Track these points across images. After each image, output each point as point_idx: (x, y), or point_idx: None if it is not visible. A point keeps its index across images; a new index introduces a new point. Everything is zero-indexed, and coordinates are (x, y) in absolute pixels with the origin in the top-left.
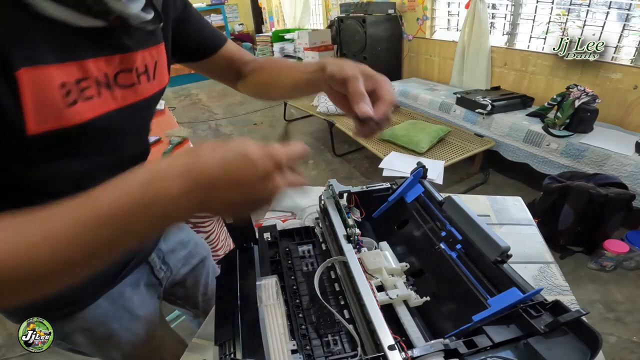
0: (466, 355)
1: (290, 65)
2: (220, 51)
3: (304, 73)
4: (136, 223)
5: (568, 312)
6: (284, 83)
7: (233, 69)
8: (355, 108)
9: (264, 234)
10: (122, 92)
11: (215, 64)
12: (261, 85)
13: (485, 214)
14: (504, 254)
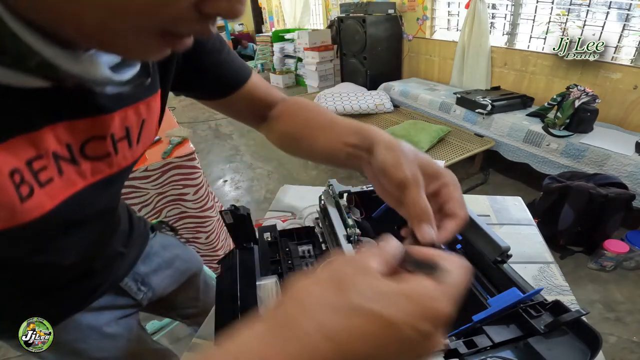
0: (466, 355)
1: (326, 123)
2: (242, 89)
3: (344, 144)
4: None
5: (568, 312)
6: (316, 148)
7: (258, 108)
8: (416, 230)
9: (264, 234)
10: (92, 166)
11: (236, 103)
12: (289, 139)
13: (485, 214)
14: (504, 254)
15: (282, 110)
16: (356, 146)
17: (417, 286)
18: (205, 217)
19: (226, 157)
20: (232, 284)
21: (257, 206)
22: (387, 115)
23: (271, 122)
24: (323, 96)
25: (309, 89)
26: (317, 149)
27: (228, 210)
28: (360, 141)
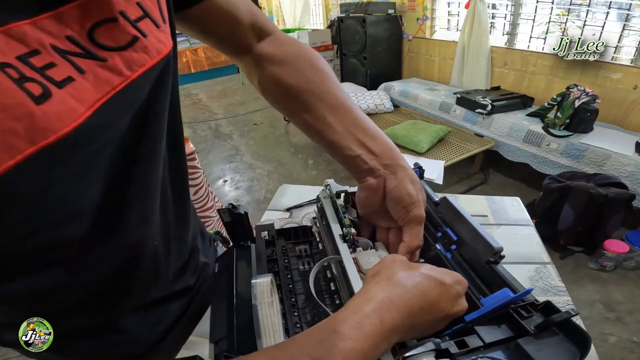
0: (457, 355)
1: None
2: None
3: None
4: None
5: (558, 312)
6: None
7: (235, 32)
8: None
9: (262, 232)
10: (124, 57)
11: (206, 18)
12: (284, 97)
13: (482, 215)
14: (497, 254)
15: (283, 52)
16: (374, 155)
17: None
18: (205, 217)
19: (226, 157)
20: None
21: (257, 206)
22: (387, 115)
23: (262, 61)
24: None
25: None
26: (318, 128)
27: (226, 209)
28: (382, 153)
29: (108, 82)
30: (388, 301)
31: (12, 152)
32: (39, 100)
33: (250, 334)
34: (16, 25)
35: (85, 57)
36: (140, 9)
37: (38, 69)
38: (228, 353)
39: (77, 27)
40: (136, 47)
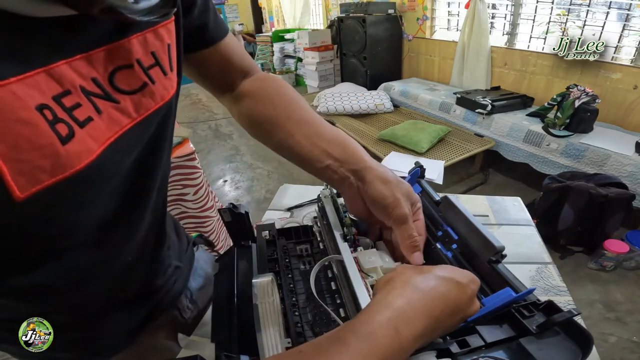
0: (458, 354)
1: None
2: (216, 46)
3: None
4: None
5: (560, 312)
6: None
7: (228, 74)
8: (408, 256)
9: (262, 232)
10: (133, 101)
11: (205, 63)
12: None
13: (483, 214)
14: (498, 253)
15: (257, 87)
16: (341, 162)
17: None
18: (205, 217)
19: (226, 157)
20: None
21: (257, 206)
22: (387, 115)
23: (241, 97)
24: (323, 96)
25: (309, 89)
26: (288, 145)
27: (227, 208)
28: (346, 159)
29: (118, 123)
30: (408, 308)
31: (35, 183)
32: (65, 141)
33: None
34: (56, 66)
35: (103, 98)
36: (153, 57)
37: (67, 109)
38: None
39: (102, 69)
40: (145, 92)
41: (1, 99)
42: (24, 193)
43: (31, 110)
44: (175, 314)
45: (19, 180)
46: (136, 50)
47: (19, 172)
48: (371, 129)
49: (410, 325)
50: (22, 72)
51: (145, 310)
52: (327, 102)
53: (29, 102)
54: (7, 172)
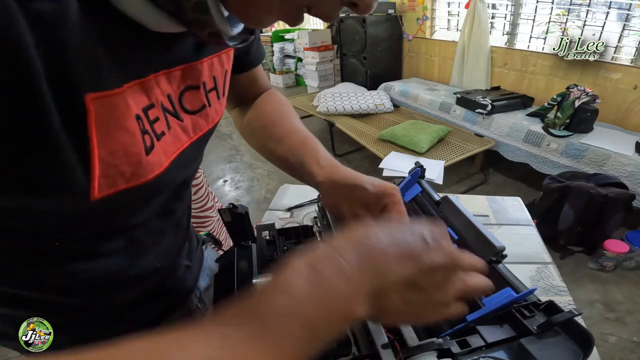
0: (459, 355)
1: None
2: (253, 70)
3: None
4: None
5: (561, 312)
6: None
7: (250, 93)
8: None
9: (262, 232)
10: (193, 121)
11: (237, 83)
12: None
13: (484, 214)
14: (499, 253)
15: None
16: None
17: None
18: (205, 217)
19: (226, 157)
20: (230, 282)
21: (257, 206)
22: (387, 115)
23: (244, 110)
24: (323, 96)
25: (309, 89)
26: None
27: (227, 208)
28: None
29: (180, 140)
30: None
31: (112, 187)
32: (148, 152)
33: None
34: (147, 80)
35: (173, 115)
36: (213, 81)
37: (151, 121)
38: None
39: (176, 87)
40: (202, 114)
41: (115, 106)
42: (100, 194)
43: (132, 119)
44: (185, 314)
45: (101, 182)
46: (204, 73)
47: (104, 174)
48: (371, 129)
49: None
50: (129, 80)
51: (156, 310)
52: (327, 102)
53: (132, 110)
54: (97, 174)
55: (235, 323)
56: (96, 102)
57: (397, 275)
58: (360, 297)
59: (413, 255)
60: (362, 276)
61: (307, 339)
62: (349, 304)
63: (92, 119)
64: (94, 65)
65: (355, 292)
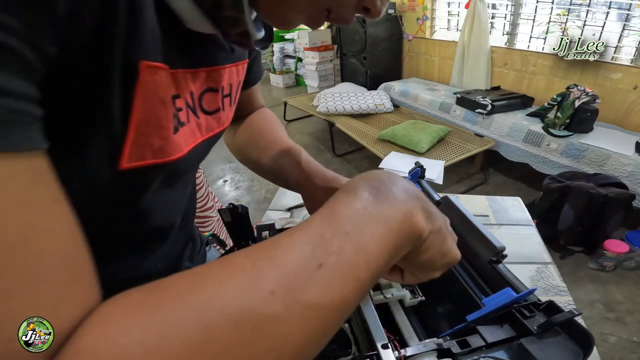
0: (459, 355)
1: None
2: (251, 88)
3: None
4: None
5: (561, 312)
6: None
7: (245, 111)
8: None
9: (262, 232)
10: (207, 121)
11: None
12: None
13: (484, 214)
14: (499, 254)
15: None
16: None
17: None
18: (205, 217)
19: (226, 157)
20: None
21: (257, 206)
22: (387, 115)
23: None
24: (323, 96)
25: (309, 89)
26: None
27: (227, 208)
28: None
29: (194, 135)
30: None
31: (140, 159)
32: (175, 131)
33: None
34: (178, 72)
35: (192, 110)
36: (229, 88)
37: (176, 109)
38: None
39: (198, 86)
40: (215, 116)
41: (159, 78)
42: (129, 164)
43: (169, 96)
44: None
45: (132, 150)
46: (224, 78)
47: (136, 143)
48: (371, 129)
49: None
50: (172, 67)
51: None
52: (327, 102)
53: (169, 90)
54: (130, 139)
55: (322, 226)
56: (146, 70)
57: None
58: (416, 209)
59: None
60: (413, 191)
61: (387, 237)
62: (411, 209)
63: (141, 84)
64: (153, 38)
65: (412, 204)
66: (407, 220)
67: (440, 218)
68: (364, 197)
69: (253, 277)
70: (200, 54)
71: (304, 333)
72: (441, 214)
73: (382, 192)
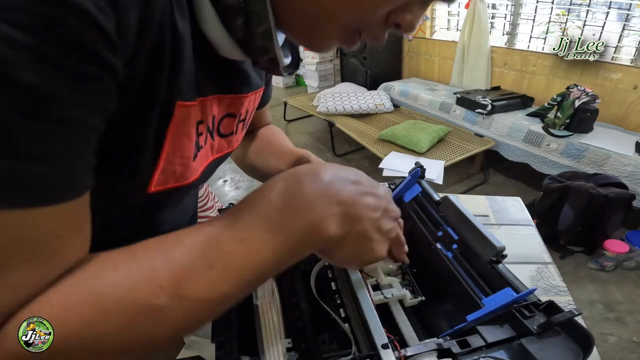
0: (459, 355)
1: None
2: (262, 109)
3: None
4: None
5: (561, 312)
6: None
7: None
8: None
9: None
10: (219, 143)
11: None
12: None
13: (484, 214)
14: (499, 254)
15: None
16: None
17: None
18: (205, 217)
19: None
20: None
21: None
22: (387, 115)
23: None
24: (323, 96)
25: (309, 89)
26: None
27: (226, 208)
28: None
29: (207, 156)
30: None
31: (165, 183)
32: (194, 158)
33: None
34: (207, 99)
35: (210, 134)
36: (246, 114)
37: (197, 134)
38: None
39: (221, 111)
40: (227, 139)
41: (189, 115)
42: (155, 188)
43: (193, 128)
44: None
45: (159, 177)
46: (244, 105)
47: (163, 171)
48: (371, 129)
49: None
50: (199, 96)
51: None
52: (327, 102)
53: (194, 121)
54: (160, 168)
55: (222, 225)
56: (180, 109)
57: (366, 208)
58: (332, 213)
59: (379, 197)
60: (337, 195)
61: (282, 248)
62: (321, 216)
63: (173, 122)
64: (189, 78)
65: (328, 207)
66: (310, 230)
67: (367, 219)
68: (272, 201)
69: (147, 273)
70: (230, 80)
71: (183, 320)
72: (378, 212)
73: (294, 197)
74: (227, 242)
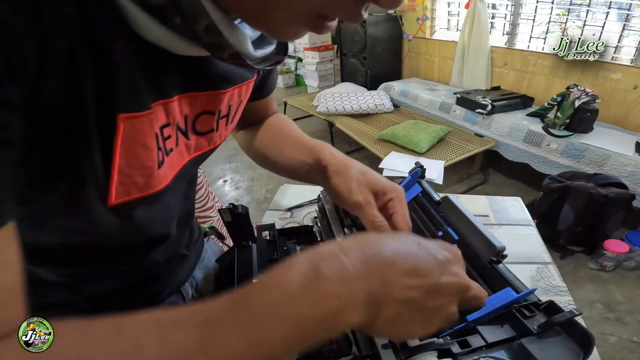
0: (459, 354)
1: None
2: (266, 98)
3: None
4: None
5: (561, 312)
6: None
7: (259, 118)
8: None
9: (263, 232)
10: (197, 141)
11: (250, 110)
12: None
13: (484, 214)
14: (499, 254)
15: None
16: (311, 166)
17: None
18: (205, 217)
19: (226, 157)
20: (230, 282)
21: (257, 206)
22: (387, 115)
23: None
24: (323, 96)
25: (309, 89)
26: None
27: (227, 208)
28: (314, 162)
29: (182, 156)
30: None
31: (126, 195)
32: (159, 166)
33: None
34: (172, 100)
35: (183, 133)
36: (227, 110)
37: (164, 139)
38: None
39: (195, 109)
40: (207, 137)
41: (141, 125)
42: (116, 201)
43: (152, 137)
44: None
45: (118, 189)
46: (224, 102)
47: (121, 183)
48: (371, 129)
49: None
50: (157, 100)
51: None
52: (327, 102)
53: (153, 129)
54: (115, 182)
55: (225, 309)
56: (126, 122)
57: (401, 290)
58: (355, 302)
59: (422, 273)
60: (363, 281)
61: (294, 338)
62: (342, 307)
63: (119, 136)
64: (131, 88)
65: (351, 296)
66: (328, 320)
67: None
68: (287, 287)
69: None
70: (202, 77)
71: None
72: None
73: (313, 282)
74: (229, 327)
